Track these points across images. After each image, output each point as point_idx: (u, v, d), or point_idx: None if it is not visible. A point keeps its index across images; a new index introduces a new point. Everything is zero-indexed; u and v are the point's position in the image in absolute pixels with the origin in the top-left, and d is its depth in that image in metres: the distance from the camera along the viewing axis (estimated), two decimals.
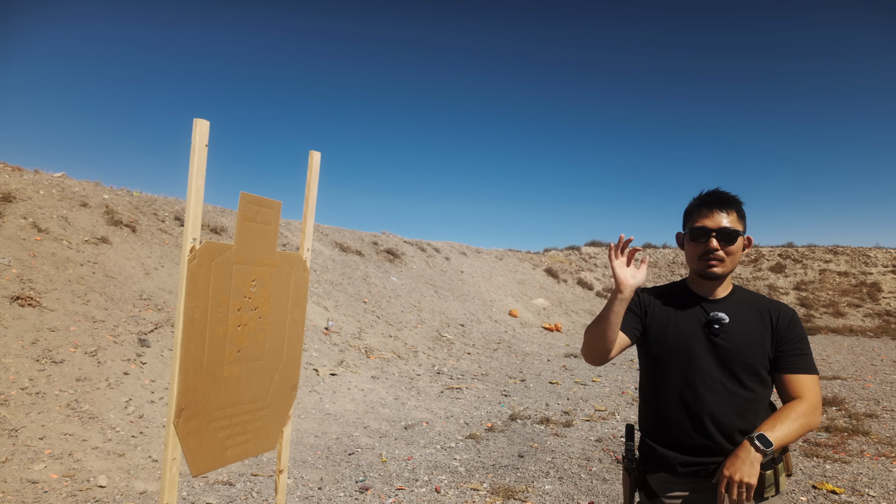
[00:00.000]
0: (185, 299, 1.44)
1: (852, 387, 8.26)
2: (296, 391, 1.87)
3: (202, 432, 1.50)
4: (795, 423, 1.54)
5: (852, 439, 5.48)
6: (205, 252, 1.49)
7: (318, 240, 12.67)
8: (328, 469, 4.50)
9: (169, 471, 1.41)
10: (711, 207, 1.67)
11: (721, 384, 1.64)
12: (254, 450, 1.71)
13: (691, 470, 1.63)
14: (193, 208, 1.47)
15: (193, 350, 1.47)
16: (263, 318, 1.70)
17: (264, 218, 1.68)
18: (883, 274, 20.83)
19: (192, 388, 1.47)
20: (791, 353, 1.64)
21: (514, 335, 13.00)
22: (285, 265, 1.78)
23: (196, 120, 1.47)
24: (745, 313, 1.69)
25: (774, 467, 1.57)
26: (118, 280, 6.97)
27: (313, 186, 1.86)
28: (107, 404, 4.85)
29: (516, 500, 3.94)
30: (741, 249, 1.70)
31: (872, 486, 4.23)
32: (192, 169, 1.47)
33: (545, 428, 5.87)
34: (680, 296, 1.77)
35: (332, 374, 7.16)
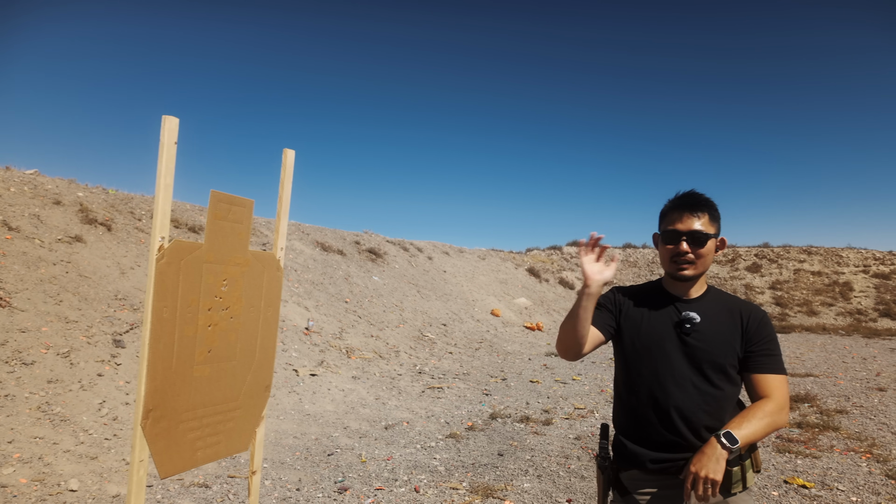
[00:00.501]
0: (153, 299, 1.41)
1: (824, 384, 8.46)
2: (269, 392, 1.85)
3: (171, 434, 1.48)
4: (762, 422, 1.58)
5: (823, 435, 5.61)
6: (174, 251, 1.47)
7: (300, 239, 12.56)
8: (307, 470, 4.47)
9: (136, 473, 1.39)
10: (684, 210, 1.70)
11: (691, 382, 1.67)
12: (226, 451, 1.69)
13: (661, 466, 1.66)
14: (162, 206, 1.45)
15: (162, 350, 1.45)
16: (235, 317, 1.69)
17: (236, 216, 1.66)
18: (854, 273, 21.38)
19: (161, 389, 1.45)
20: (760, 353, 1.67)
21: (495, 334, 13.04)
22: (258, 264, 1.76)
23: (165, 117, 1.45)
24: (716, 313, 1.72)
25: (741, 464, 1.60)
26: (92, 280, 6.83)
27: (287, 185, 1.85)
28: (79, 406, 4.75)
29: (495, 498, 3.95)
30: (713, 251, 1.73)
31: (842, 481, 4.34)
32: (161, 167, 1.44)
33: (525, 426, 5.91)
34: (654, 295, 1.80)
35: (312, 375, 7.11)
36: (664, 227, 1.74)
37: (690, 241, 1.67)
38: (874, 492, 4.11)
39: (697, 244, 1.67)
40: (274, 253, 1.84)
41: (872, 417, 6.32)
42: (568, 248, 26.43)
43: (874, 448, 5.14)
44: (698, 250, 1.68)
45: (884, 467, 4.62)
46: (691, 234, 1.67)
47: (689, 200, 1.71)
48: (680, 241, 1.68)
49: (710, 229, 1.69)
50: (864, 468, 4.62)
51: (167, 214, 1.45)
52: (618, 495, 1.76)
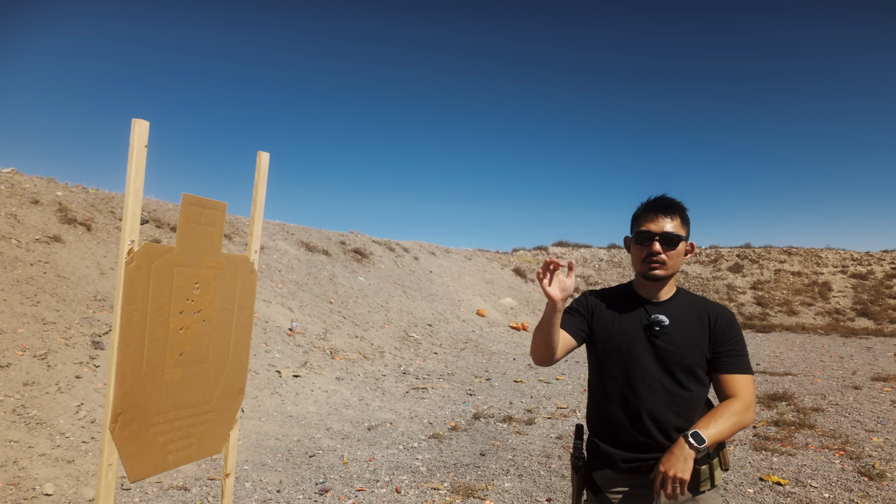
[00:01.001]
0: (122, 302, 1.41)
1: (802, 382, 8.62)
2: (243, 394, 1.85)
3: (141, 437, 1.48)
4: (728, 422, 1.62)
5: (799, 433, 5.72)
6: (144, 254, 1.47)
7: (284, 239, 12.49)
8: (288, 472, 4.45)
9: (105, 477, 1.39)
10: (656, 212, 1.75)
11: (660, 384, 1.71)
12: (198, 454, 1.69)
13: (632, 466, 1.70)
14: (132, 209, 1.45)
15: (132, 354, 1.44)
16: (207, 321, 1.69)
17: (208, 219, 1.66)
18: (833, 274, 21.79)
19: (130, 393, 1.45)
20: (727, 353, 1.72)
21: (481, 334, 13.09)
22: (231, 267, 1.76)
23: (135, 120, 1.45)
24: (685, 315, 1.76)
25: (709, 462, 1.64)
26: (71, 280, 6.74)
27: (262, 187, 1.85)
28: (56, 409, 4.68)
29: (476, 498, 3.98)
30: (683, 254, 1.78)
31: (815, 477, 4.43)
32: (131, 170, 1.44)
33: (508, 426, 5.94)
34: (625, 298, 1.84)
35: (295, 376, 7.08)
36: (637, 229, 1.79)
37: (663, 242, 1.72)
38: (846, 488, 4.20)
39: (669, 245, 1.72)
40: (248, 255, 1.85)
41: (847, 415, 6.45)
42: (554, 249, 26.60)
43: (848, 445, 5.26)
44: (670, 251, 1.72)
45: (856, 464, 4.72)
46: (664, 236, 1.72)
47: (662, 203, 1.76)
48: (653, 241, 1.72)
49: (682, 232, 1.75)
50: (838, 465, 4.72)
51: (137, 218, 1.45)
52: (591, 494, 1.79)
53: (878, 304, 19.20)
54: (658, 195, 1.80)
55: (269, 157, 1.87)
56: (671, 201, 1.77)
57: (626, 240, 1.88)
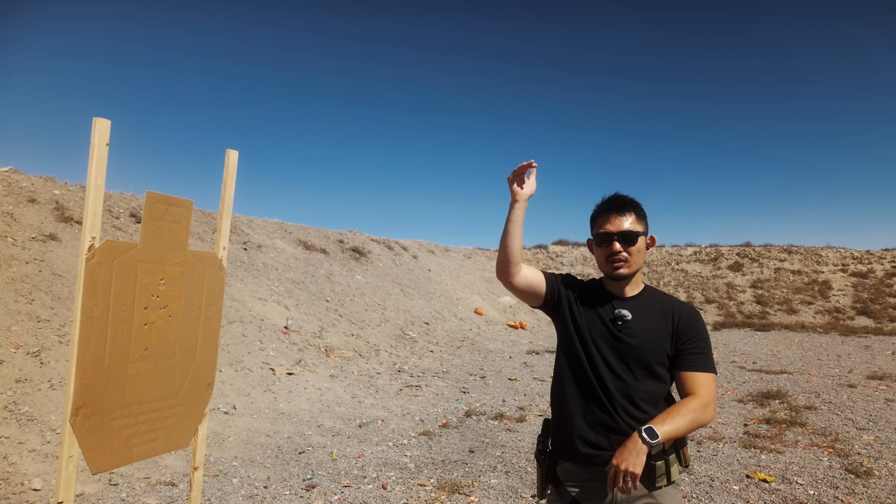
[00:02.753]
0: (82, 298, 1.44)
1: (797, 380, 8.61)
2: (212, 389, 1.88)
3: (103, 430, 1.51)
4: (685, 419, 1.63)
5: (790, 430, 5.73)
6: (105, 251, 1.49)
7: (282, 238, 12.54)
8: (276, 468, 4.49)
9: (65, 469, 1.41)
10: (611, 212, 1.78)
11: (619, 374, 1.73)
12: (164, 447, 1.71)
13: (589, 457, 1.71)
14: (92, 207, 1.47)
15: (92, 348, 1.47)
16: (174, 316, 1.71)
17: (174, 217, 1.68)
18: (833, 273, 21.73)
19: (92, 386, 1.47)
20: (689, 351, 1.73)
21: (478, 333, 13.11)
22: (198, 264, 1.78)
23: (96, 119, 1.47)
24: (649, 312, 1.78)
25: (665, 458, 1.65)
26: (66, 278, 6.79)
27: (230, 185, 1.88)
28: (48, 406, 4.73)
29: (461, 494, 4.00)
30: (644, 248, 1.80)
31: (802, 475, 4.44)
32: (92, 168, 1.47)
33: (499, 423, 5.97)
34: (595, 293, 1.86)
35: (288, 374, 7.11)
36: (595, 231, 1.82)
37: (622, 241, 1.74)
38: (832, 485, 4.21)
39: (629, 242, 1.74)
40: (216, 252, 1.87)
41: (839, 413, 6.45)
42: (553, 248, 26.58)
43: (837, 443, 5.26)
44: (630, 248, 1.75)
45: (844, 461, 4.73)
46: (622, 234, 1.74)
47: (616, 202, 1.79)
48: (612, 241, 1.75)
49: (639, 227, 1.77)
50: (825, 462, 4.73)
51: (98, 215, 1.47)
52: (553, 487, 1.81)
53: (879, 303, 19.14)
54: (611, 195, 1.83)
55: (238, 154, 1.90)
56: (624, 199, 1.80)
57: (588, 242, 1.91)
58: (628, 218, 1.76)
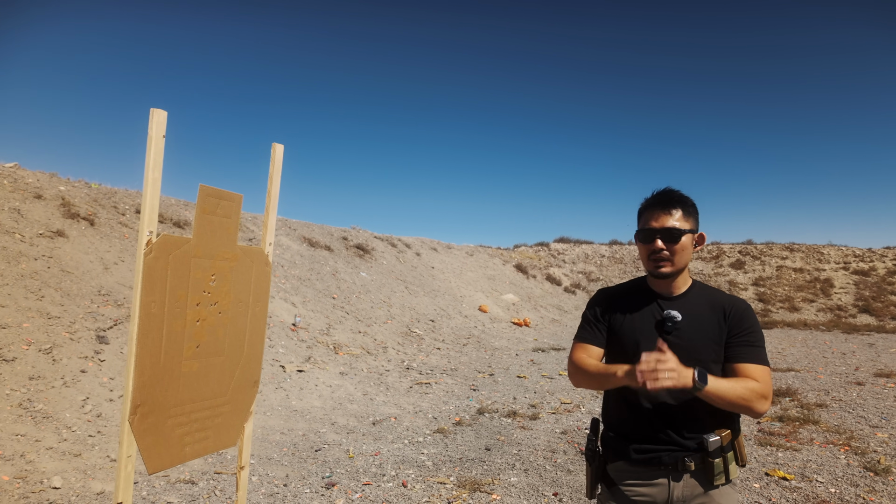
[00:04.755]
0: (140, 294, 1.40)
1: (805, 378, 8.62)
2: (257, 387, 1.85)
3: (159, 429, 1.48)
4: (738, 388, 1.54)
5: (803, 428, 5.73)
6: (162, 245, 1.46)
7: (286, 234, 12.48)
8: (294, 466, 4.46)
9: (124, 469, 1.38)
10: (657, 208, 1.71)
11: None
12: (214, 446, 1.68)
13: (645, 458, 1.68)
14: (150, 201, 1.44)
15: (150, 346, 1.44)
16: (223, 312, 1.68)
17: (224, 211, 1.65)
18: (835, 270, 21.77)
19: (149, 385, 1.44)
20: (741, 343, 1.67)
21: (483, 330, 13.09)
22: (246, 259, 1.75)
23: (153, 110, 1.44)
24: (699, 310, 1.72)
25: (724, 456, 1.62)
26: (75, 275, 6.73)
27: (276, 180, 1.84)
28: (62, 403, 4.69)
29: (482, 492, 3.98)
30: (691, 247, 1.72)
31: (821, 473, 4.43)
32: (149, 160, 1.43)
33: (512, 421, 5.95)
34: (638, 294, 1.81)
35: (299, 371, 7.08)
36: (640, 227, 1.76)
37: (665, 239, 1.67)
38: (853, 483, 4.20)
39: (672, 241, 1.67)
40: (262, 248, 1.84)
41: (851, 411, 6.45)
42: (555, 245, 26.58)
43: (852, 441, 5.26)
44: (673, 247, 1.67)
45: (862, 459, 4.72)
46: (665, 232, 1.67)
47: (663, 198, 1.72)
48: (654, 239, 1.68)
49: (686, 225, 1.69)
50: (843, 460, 4.72)
51: (155, 209, 1.44)
52: (605, 487, 1.78)
53: (881, 301, 19.19)
54: (661, 189, 1.76)
55: (283, 149, 1.86)
56: (672, 195, 1.72)
57: (636, 235, 1.86)
58: (674, 214, 1.68)
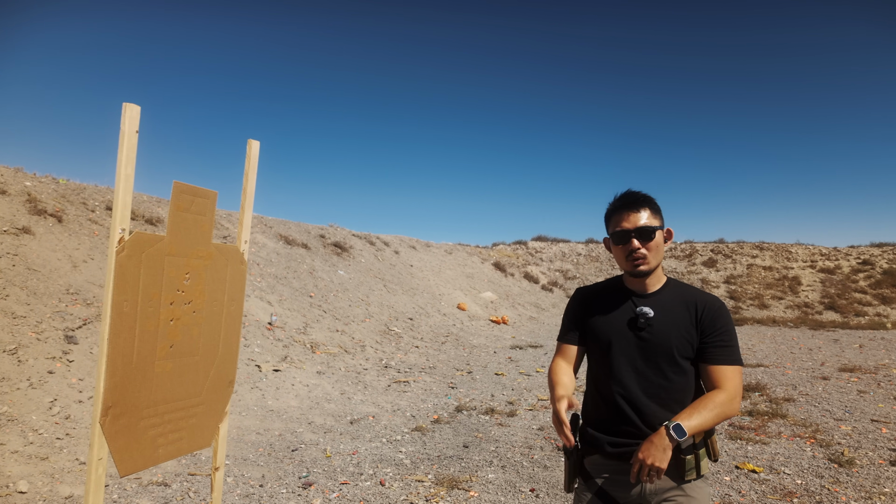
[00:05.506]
0: (112, 293, 1.37)
1: (773, 373, 8.87)
2: (233, 387, 1.82)
3: (131, 431, 1.45)
4: (712, 413, 1.63)
5: (772, 422, 5.89)
6: (134, 243, 1.43)
7: (262, 232, 12.32)
8: (270, 466, 4.41)
9: (95, 472, 1.35)
10: (626, 210, 1.75)
11: (645, 376, 1.73)
12: (188, 447, 1.66)
13: (618, 451, 1.73)
14: (123, 197, 1.41)
15: (122, 345, 1.41)
16: (198, 312, 1.65)
17: (199, 208, 1.62)
18: (803, 269, 22.43)
19: (121, 385, 1.41)
20: (714, 344, 1.72)
21: (462, 328, 13.12)
22: (221, 258, 1.73)
23: (125, 105, 1.41)
24: (672, 307, 1.77)
25: (695, 452, 1.66)
26: (42, 273, 6.54)
27: (252, 176, 1.82)
28: (28, 405, 4.55)
29: (460, 489, 4.00)
30: (663, 243, 1.78)
31: (788, 465, 4.57)
32: (122, 156, 1.40)
33: (490, 418, 5.98)
34: (614, 293, 1.85)
35: (275, 370, 7.00)
36: (612, 230, 1.80)
37: (640, 237, 1.72)
38: (818, 475, 4.34)
39: (647, 238, 1.72)
40: (238, 246, 1.81)
41: (817, 405, 6.66)
42: (533, 244, 26.78)
43: (818, 433, 5.43)
44: (648, 244, 1.73)
45: (826, 451, 4.88)
46: (639, 231, 1.72)
47: (630, 199, 1.76)
48: (630, 239, 1.73)
49: (655, 222, 1.75)
50: (809, 453, 4.88)
51: (128, 206, 1.41)
52: (582, 480, 1.82)
53: (845, 298, 19.84)
54: (623, 192, 1.81)
55: (260, 145, 1.84)
56: (637, 195, 1.78)
57: (605, 241, 1.89)
58: (644, 213, 1.73)
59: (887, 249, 23.11)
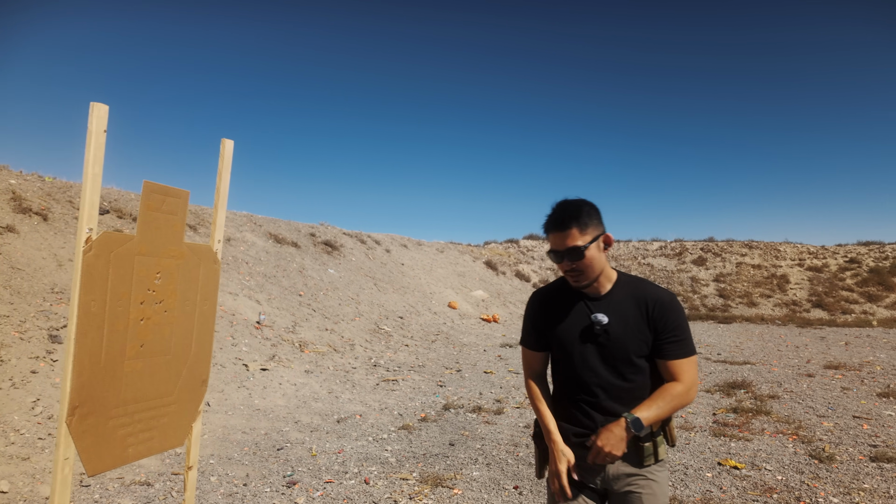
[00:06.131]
0: (80, 292, 1.37)
1: (760, 371, 8.95)
2: (206, 386, 1.83)
3: (99, 430, 1.45)
4: (669, 405, 1.71)
5: (756, 419, 5.95)
6: (102, 243, 1.43)
7: (252, 231, 12.27)
8: (255, 465, 4.41)
9: (61, 472, 1.35)
10: (554, 230, 1.74)
11: (605, 379, 1.78)
12: (160, 446, 1.66)
13: (581, 441, 1.79)
14: (90, 197, 1.40)
15: (90, 345, 1.41)
16: (169, 311, 1.65)
17: (170, 208, 1.62)
18: (791, 267, 22.64)
19: (88, 385, 1.41)
20: (668, 340, 1.76)
21: (452, 326, 13.14)
22: (193, 257, 1.73)
23: (93, 104, 1.40)
24: (624, 308, 1.79)
25: (653, 440, 1.74)
26: (26, 272, 6.48)
27: (225, 175, 1.82)
28: (10, 405, 4.52)
29: (444, 487, 4.02)
30: (599, 253, 1.76)
31: (769, 461, 4.62)
32: (89, 155, 1.40)
33: (477, 416, 6.01)
34: (568, 294, 1.86)
35: (262, 370, 6.99)
36: (548, 248, 1.82)
37: (570, 258, 1.72)
38: (798, 471, 4.40)
39: (577, 258, 1.71)
40: (211, 245, 1.81)
41: (801, 401, 6.74)
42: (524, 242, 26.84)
43: (800, 430, 5.50)
44: (580, 263, 1.73)
45: (808, 447, 4.94)
46: (568, 252, 1.72)
47: (556, 219, 1.74)
48: (562, 260, 1.75)
49: (586, 239, 1.72)
50: (791, 449, 4.93)
51: (95, 205, 1.41)
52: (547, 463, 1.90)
53: (832, 296, 20.05)
54: (554, 205, 1.79)
55: (234, 144, 1.84)
56: (564, 213, 1.74)
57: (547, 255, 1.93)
58: (570, 234, 1.71)
59: (874, 248, 23.38)
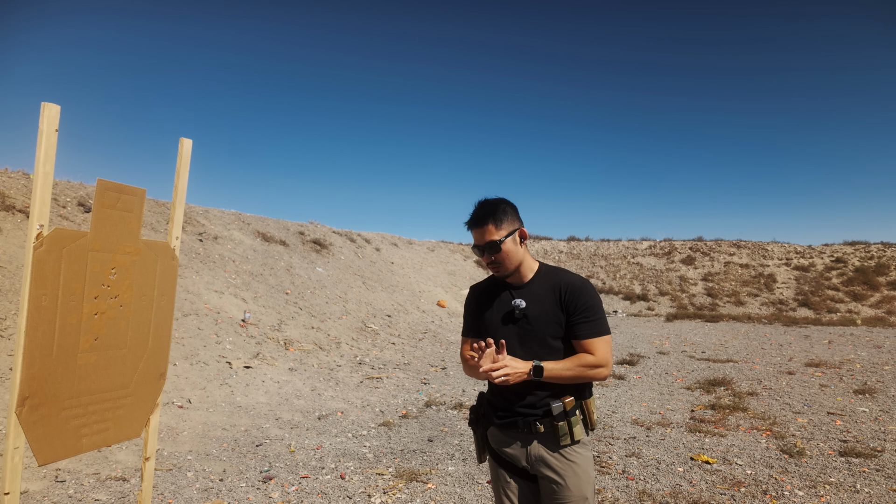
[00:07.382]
0: (30, 287, 1.42)
1: (741, 368, 9.07)
2: (164, 379, 1.87)
3: (51, 421, 1.49)
4: (576, 369, 1.84)
5: (732, 415, 6.05)
6: (54, 239, 1.47)
7: (239, 229, 12.27)
8: (233, 461, 4.45)
9: (11, 461, 1.39)
10: (474, 227, 1.94)
11: (521, 358, 1.89)
12: (115, 438, 1.70)
13: (505, 422, 1.93)
14: (41, 195, 1.45)
15: (40, 338, 1.45)
16: (125, 306, 1.70)
17: (125, 205, 1.67)
18: (778, 266, 22.86)
19: (40, 377, 1.45)
20: (579, 321, 1.88)
21: (440, 325, 13.20)
22: (150, 253, 1.77)
23: (44, 104, 1.45)
24: (541, 295, 1.94)
25: (568, 420, 1.84)
26: (8, 269, 6.48)
27: (183, 174, 1.86)
28: None
29: (419, 482, 4.07)
30: (516, 246, 1.94)
31: (741, 456, 4.71)
32: (40, 154, 1.44)
33: (458, 413, 6.07)
34: (496, 287, 2.04)
35: (246, 367, 7.02)
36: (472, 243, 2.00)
37: (489, 252, 1.91)
38: (768, 465, 4.49)
39: (494, 251, 1.90)
40: (168, 242, 1.86)
41: (778, 398, 6.85)
42: None
43: (774, 426, 5.59)
44: (499, 255, 1.91)
45: (780, 443, 5.04)
46: (486, 247, 1.90)
47: (475, 217, 1.94)
48: (483, 253, 1.93)
49: (501, 233, 1.90)
50: (763, 444, 5.03)
51: (46, 203, 1.45)
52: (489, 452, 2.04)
53: (818, 295, 20.27)
54: (476, 204, 1.97)
55: (192, 143, 1.89)
56: (481, 210, 1.93)
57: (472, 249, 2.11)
58: (486, 229, 1.90)
59: (859, 248, 23.66)
